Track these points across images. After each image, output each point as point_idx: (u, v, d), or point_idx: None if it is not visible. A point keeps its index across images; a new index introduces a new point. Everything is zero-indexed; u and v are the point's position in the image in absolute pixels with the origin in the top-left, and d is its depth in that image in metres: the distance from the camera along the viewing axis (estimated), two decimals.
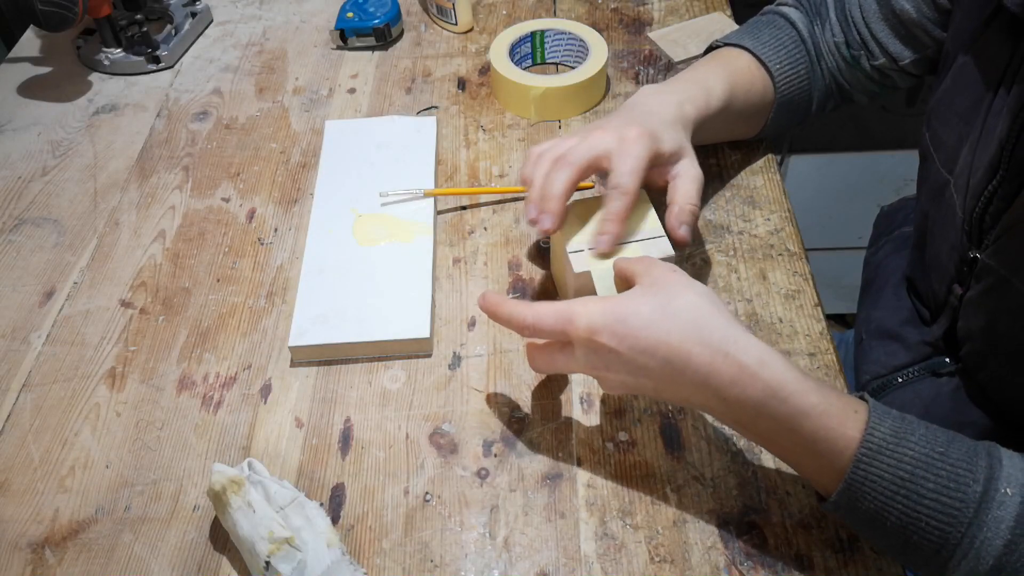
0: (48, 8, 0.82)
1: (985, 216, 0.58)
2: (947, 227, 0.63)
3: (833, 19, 0.73)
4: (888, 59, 0.71)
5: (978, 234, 0.59)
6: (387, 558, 0.54)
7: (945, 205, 0.63)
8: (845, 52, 0.73)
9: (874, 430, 0.46)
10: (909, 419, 0.48)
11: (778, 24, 0.75)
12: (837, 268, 1.60)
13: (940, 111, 0.64)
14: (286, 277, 0.72)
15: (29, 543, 0.57)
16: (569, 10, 0.97)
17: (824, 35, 0.74)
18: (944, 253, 0.64)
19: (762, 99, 0.72)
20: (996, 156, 0.56)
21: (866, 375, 0.74)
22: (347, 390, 0.64)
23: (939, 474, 0.45)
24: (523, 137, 0.83)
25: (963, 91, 0.61)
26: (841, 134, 1.50)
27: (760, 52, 0.72)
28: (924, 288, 0.71)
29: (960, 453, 0.46)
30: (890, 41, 0.70)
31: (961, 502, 0.44)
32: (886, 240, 0.82)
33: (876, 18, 0.71)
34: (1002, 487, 0.44)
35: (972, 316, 0.61)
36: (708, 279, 0.68)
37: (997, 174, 0.56)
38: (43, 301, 0.71)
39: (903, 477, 0.45)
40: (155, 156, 0.84)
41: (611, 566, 0.53)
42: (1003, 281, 0.57)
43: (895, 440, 0.46)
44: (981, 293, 0.60)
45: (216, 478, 0.53)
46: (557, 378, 0.63)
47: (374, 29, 0.92)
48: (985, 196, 0.57)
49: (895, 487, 0.45)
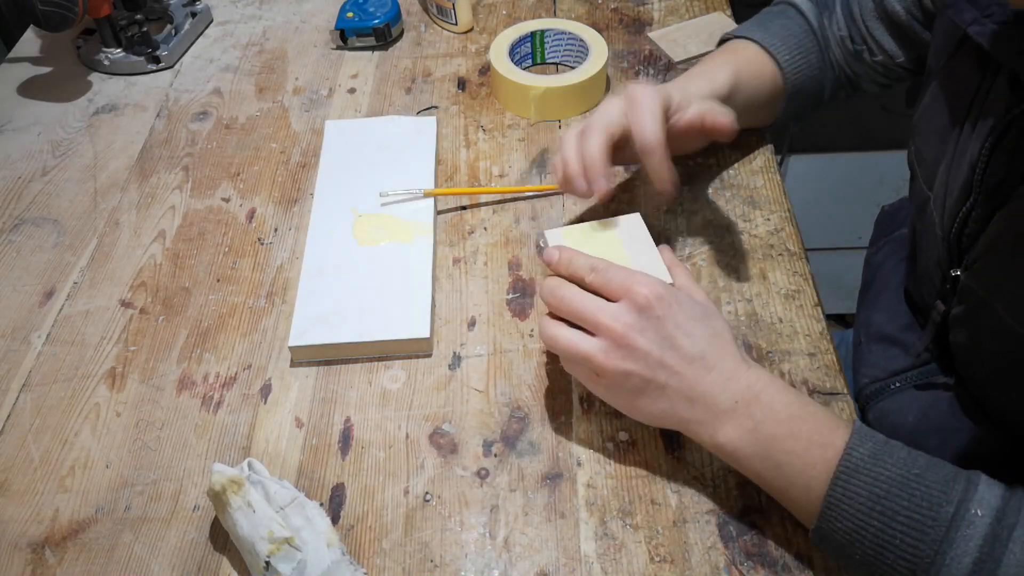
0: (48, 8, 0.82)
1: (962, 236, 0.58)
2: (930, 243, 0.63)
3: (839, 13, 0.74)
4: (885, 56, 0.72)
5: (957, 253, 0.59)
6: (387, 558, 0.54)
7: (927, 221, 0.63)
8: (849, 46, 0.74)
9: (853, 451, 0.48)
10: (892, 443, 0.49)
11: (788, 14, 0.75)
12: (837, 268, 1.60)
13: (921, 127, 0.64)
14: (286, 277, 0.72)
15: (29, 543, 0.57)
16: (569, 10, 0.97)
17: (831, 27, 0.74)
18: (930, 268, 0.64)
19: (772, 88, 0.73)
20: (968, 179, 0.56)
21: (864, 378, 0.74)
22: (347, 390, 0.64)
23: (913, 494, 0.46)
24: (523, 137, 0.83)
25: (939, 111, 0.61)
26: (841, 134, 1.50)
27: (768, 43, 0.73)
28: (917, 298, 0.71)
29: (937, 477, 0.47)
30: (885, 39, 0.71)
31: (933, 520, 0.45)
32: (886, 241, 0.82)
33: (872, 16, 0.71)
34: (973, 508, 0.45)
35: (958, 332, 0.61)
36: (708, 279, 0.68)
37: (970, 197, 0.56)
38: (43, 301, 0.71)
39: (879, 495, 0.46)
40: (155, 156, 0.84)
41: (611, 566, 0.53)
42: (983, 303, 0.57)
43: (872, 460, 0.47)
44: (964, 312, 0.60)
45: (216, 478, 0.53)
46: (557, 378, 0.63)
47: (374, 29, 0.92)
48: (961, 216, 0.57)
49: (871, 505, 0.46)
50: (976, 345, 0.60)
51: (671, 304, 0.52)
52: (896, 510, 0.46)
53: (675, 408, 0.53)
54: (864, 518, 0.47)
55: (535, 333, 0.66)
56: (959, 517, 0.45)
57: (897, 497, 0.46)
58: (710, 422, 0.52)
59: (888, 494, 0.46)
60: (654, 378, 0.52)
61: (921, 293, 0.69)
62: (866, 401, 0.72)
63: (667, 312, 0.52)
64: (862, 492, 0.47)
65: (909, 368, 0.69)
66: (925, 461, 0.48)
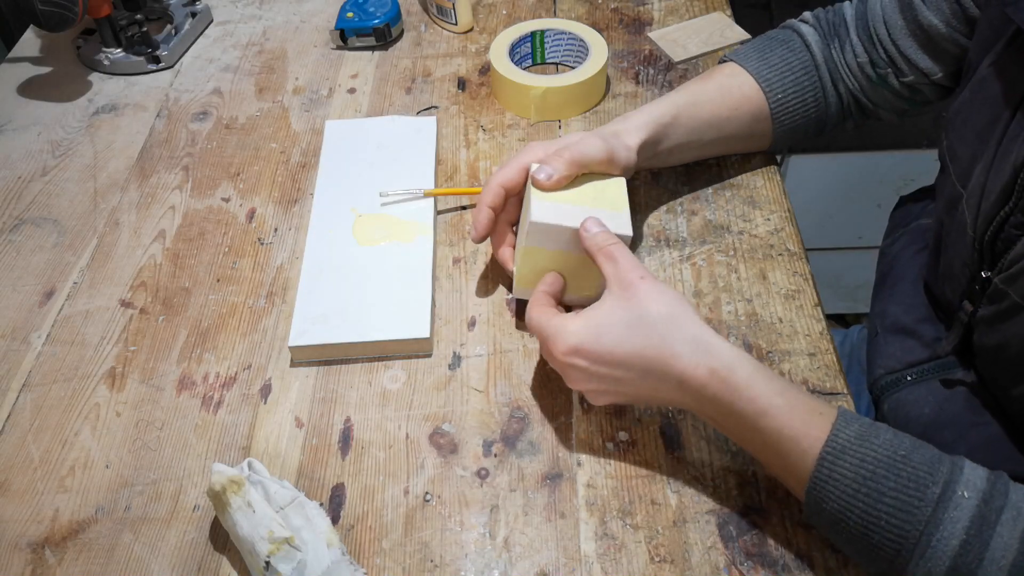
0: (48, 8, 0.82)
1: (997, 240, 0.57)
2: (959, 241, 0.62)
3: (855, 39, 0.71)
4: (918, 75, 0.69)
5: (990, 256, 0.58)
6: (387, 558, 0.54)
7: (958, 219, 0.62)
8: (870, 72, 0.71)
9: (839, 431, 0.48)
10: (877, 425, 0.49)
11: (793, 46, 0.73)
12: (837, 268, 1.60)
13: (957, 124, 0.62)
14: (286, 277, 0.72)
15: (29, 543, 0.57)
16: (569, 10, 0.97)
17: (844, 56, 0.72)
18: (957, 267, 0.63)
19: (753, 124, 0.72)
20: (1010, 183, 0.55)
21: (880, 369, 0.72)
22: (347, 390, 0.64)
23: (900, 475, 0.46)
24: (523, 137, 0.83)
25: (980, 107, 0.59)
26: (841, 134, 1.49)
27: (764, 79, 0.71)
28: (939, 294, 0.69)
29: (923, 458, 0.47)
30: (919, 57, 0.68)
31: (920, 501, 0.45)
32: (903, 232, 0.79)
33: (903, 34, 0.68)
34: (959, 490, 0.45)
35: (984, 334, 0.61)
36: (708, 279, 0.68)
37: (1010, 200, 0.55)
38: (43, 301, 0.71)
39: (865, 476, 0.46)
40: (155, 156, 0.84)
41: (611, 566, 0.53)
42: (1017, 307, 0.56)
43: (859, 441, 0.47)
44: (993, 314, 0.59)
45: (216, 478, 0.53)
46: (557, 378, 0.63)
47: (374, 29, 0.92)
48: (998, 221, 0.56)
49: (857, 485, 0.47)
50: (1004, 348, 0.59)
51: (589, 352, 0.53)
52: (882, 491, 0.46)
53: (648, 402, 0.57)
54: (850, 499, 0.47)
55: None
56: (946, 498, 0.45)
57: (884, 478, 0.46)
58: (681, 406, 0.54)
59: (874, 475, 0.46)
60: (609, 390, 0.55)
61: (943, 289, 0.67)
62: (881, 392, 0.72)
63: (589, 362, 0.53)
64: (848, 473, 0.47)
65: (926, 360, 0.69)
66: (910, 443, 0.48)
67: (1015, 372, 0.59)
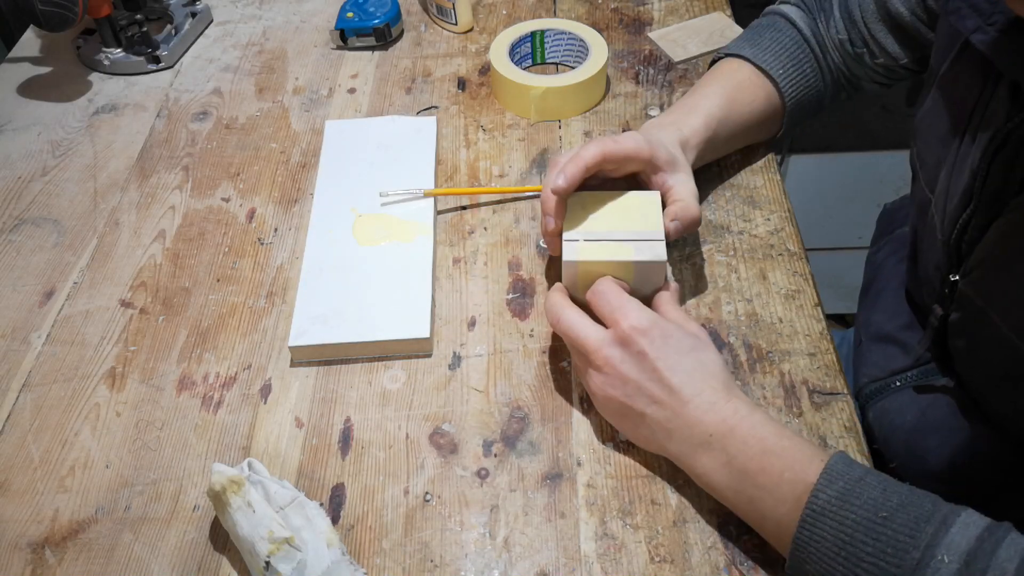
0: (48, 8, 0.82)
1: (962, 243, 0.58)
2: (932, 246, 0.63)
3: (837, 16, 0.73)
4: (888, 58, 0.71)
5: (956, 258, 0.59)
6: (387, 558, 0.54)
7: (929, 223, 0.63)
8: (849, 49, 0.73)
9: (819, 493, 0.47)
10: (865, 481, 0.47)
11: (779, 26, 0.75)
12: (837, 268, 1.60)
13: (922, 130, 0.64)
14: (286, 277, 0.72)
15: (29, 543, 0.57)
16: (569, 10, 0.97)
17: (828, 31, 0.74)
18: (931, 271, 0.64)
19: (768, 108, 0.73)
20: (969, 186, 0.56)
21: (864, 378, 0.74)
22: (347, 390, 0.64)
23: (879, 539, 0.45)
24: (523, 137, 0.83)
25: (940, 114, 0.61)
26: (841, 134, 1.50)
27: (761, 61, 0.72)
28: (919, 300, 0.71)
29: (906, 519, 0.45)
30: (887, 41, 0.71)
31: (898, 567, 0.44)
32: (887, 240, 0.82)
33: (874, 19, 0.71)
34: (939, 554, 0.43)
35: (957, 338, 0.61)
36: (708, 279, 0.68)
37: (971, 203, 0.56)
38: (43, 301, 0.71)
39: (844, 540, 0.45)
40: (155, 156, 0.84)
41: (611, 566, 0.53)
42: (981, 311, 0.56)
43: (839, 503, 0.46)
44: (961, 318, 0.59)
45: (216, 478, 0.53)
46: (557, 378, 0.63)
47: (374, 29, 0.92)
48: (961, 223, 0.57)
49: (837, 549, 0.46)
50: (974, 351, 0.59)
51: (654, 338, 0.53)
52: (861, 556, 0.45)
53: (655, 436, 0.55)
54: (830, 562, 0.46)
55: (535, 333, 0.66)
56: (924, 564, 0.43)
57: (862, 543, 0.45)
58: (688, 453, 0.53)
59: (853, 539, 0.45)
60: (633, 406, 0.54)
61: (921, 294, 0.68)
62: (866, 400, 0.72)
63: (649, 346, 0.53)
64: (828, 536, 0.46)
65: (909, 368, 0.69)
66: (899, 500, 0.46)
67: (990, 375, 0.59)
